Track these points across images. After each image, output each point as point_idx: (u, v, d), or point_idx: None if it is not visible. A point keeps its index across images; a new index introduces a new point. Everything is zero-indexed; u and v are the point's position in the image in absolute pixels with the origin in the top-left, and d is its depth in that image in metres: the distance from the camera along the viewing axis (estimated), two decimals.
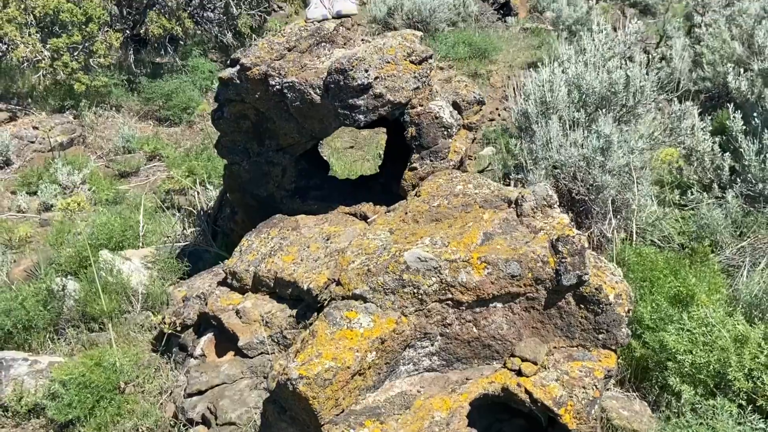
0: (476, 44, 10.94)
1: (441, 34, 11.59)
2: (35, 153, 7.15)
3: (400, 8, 11.62)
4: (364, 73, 3.35)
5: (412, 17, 11.60)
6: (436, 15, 11.55)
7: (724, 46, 7.15)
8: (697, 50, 7.66)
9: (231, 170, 4.07)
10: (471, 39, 11.28)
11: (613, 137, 3.66)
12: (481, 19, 15.96)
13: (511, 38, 13.41)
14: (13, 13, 7.65)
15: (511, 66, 10.46)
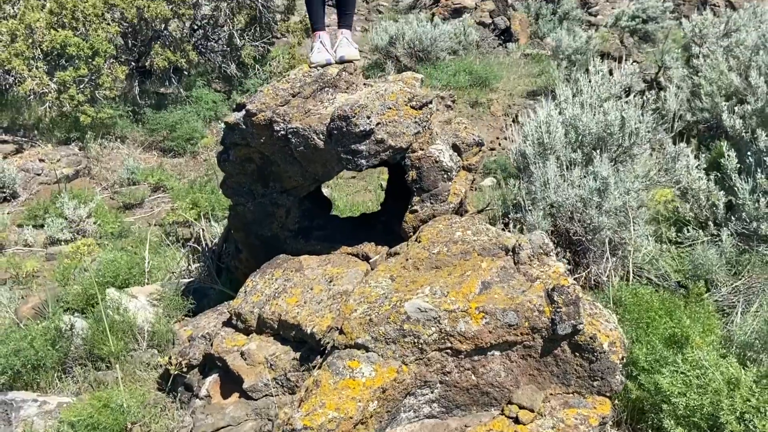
0: (477, 72, 11.14)
1: (442, 62, 11.78)
2: (41, 185, 7.29)
3: (401, 37, 11.83)
4: (366, 119, 3.48)
5: (413, 46, 11.81)
6: (437, 44, 11.76)
7: (721, 77, 7.29)
8: (695, 81, 7.82)
9: (236, 210, 4.19)
10: (472, 67, 11.48)
11: (610, 179, 3.77)
12: (482, 45, 16.21)
13: (512, 64, 13.63)
14: (20, 48, 7.85)
15: (512, 94, 10.65)
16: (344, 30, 4.22)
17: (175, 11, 8.75)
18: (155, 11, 8.46)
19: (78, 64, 8.01)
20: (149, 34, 9.14)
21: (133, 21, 8.59)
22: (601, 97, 4.53)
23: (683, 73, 8.49)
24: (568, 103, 4.48)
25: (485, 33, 17.05)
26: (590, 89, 4.56)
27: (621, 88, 4.73)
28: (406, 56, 11.95)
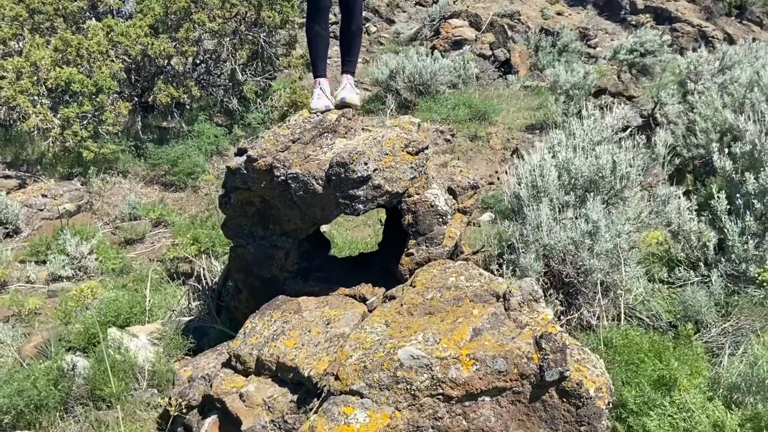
0: (476, 106, 11.36)
1: (441, 96, 12.01)
2: (44, 221, 7.45)
3: (401, 71, 12.08)
4: (363, 165, 3.64)
5: (413, 80, 12.05)
6: (437, 78, 12.00)
7: (716, 114, 7.48)
8: (691, 117, 8.02)
9: (236, 252, 4.33)
10: (471, 101, 11.70)
11: (600, 222, 3.92)
12: (482, 77, 16.51)
13: (512, 97, 13.88)
14: (25, 85, 8.07)
15: (511, 128, 10.85)
16: (348, 75, 4.40)
17: (179, 48, 8.99)
18: (159, 48, 8.70)
19: (82, 100, 8.23)
20: (152, 70, 9.39)
21: (136, 58, 8.83)
22: (593, 140, 4.69)
23: (679, 110, 8.70)
24: (561, 146, 4.65)
25: (485, 65, 17.38)
26: (583, 133, 4.72)
27: (613, 131, 4.88)
28: (406, 90, 12.18)
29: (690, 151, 7.69)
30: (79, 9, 9.18)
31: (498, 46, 17.94)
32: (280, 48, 10.91)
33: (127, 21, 9.22)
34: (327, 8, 4.14)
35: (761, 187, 4.43)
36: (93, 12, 9.68)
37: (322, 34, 4.16)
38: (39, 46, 8.43)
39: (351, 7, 4.15)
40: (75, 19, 9.40)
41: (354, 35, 4.27)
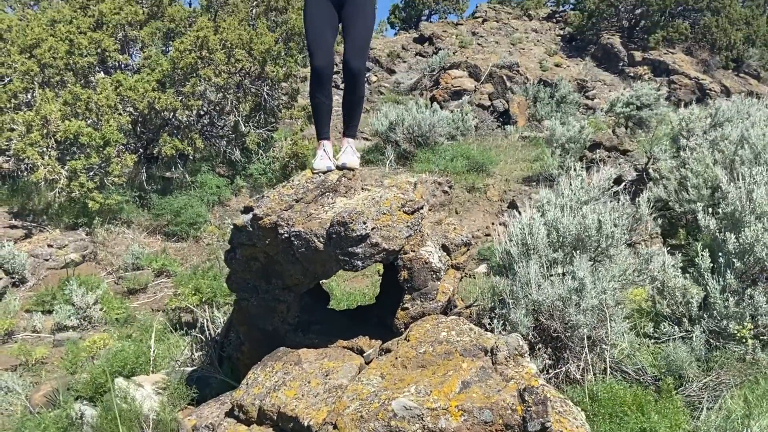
0: (474, 158, 11.76)
1: (440, 147, 12.43)
2: (49, 270, 7.74)
3: (401, 123, 12.52)
4: (362, 225, 3.95)
5: (412, 131, 12.49)
6: (436, 129, 12.44)
7: (707, 170, 7.84)
8: (683, 173, 8.38)
9: (240, 305, 4.61)
10: (469, 152, 12.11)
11: (586, 280, 4.22)
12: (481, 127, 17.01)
13: (510, 148, 14.32)
14: (35, 138, 8.46)
15: (508, 180, 11.22)
16: (349, 139, 4.72)
17: (185, 102, 9.43)
18: (165, 102, 9.13)
19: (89, 152, 8.61)
20: (158, 122, 9.81)
21: (143, 111, 9.25)
22: (580, 200, 5.02)
23: (671, 165, 9.07)
24: (550, 205, 4.97)
25: (484, 115, 17.92)
26: (570, 192, 5.06)
27: (600, 190, 5.22)
28: (405, 141, 12.62)
29: (682, 206, 8.03)
30: (89, 64, 9.64)
31: (497, 96, 18.52)
32: (282, 100, 11.36)
33: (135, 75, 9.68)
34: (329, 78, 4.48)
35: (741, 246, 4.73)
36: (102, 66, 10.15)
37: (325, 101, 4.49)
38: (49, 99, 8.86)
39: (354, 80, 4.47)
40: (84, 73, 9.86)
41: (356, 103, 4.60)
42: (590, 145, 10.58)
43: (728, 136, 8.94)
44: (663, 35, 23.10)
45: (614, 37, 24.22)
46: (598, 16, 25.13)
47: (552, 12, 30.44)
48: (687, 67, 21.47)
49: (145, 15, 10.75)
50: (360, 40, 4.31)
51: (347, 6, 4.26)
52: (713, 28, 22.81)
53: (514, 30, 26.19)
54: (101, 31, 10.07)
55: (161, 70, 9.42)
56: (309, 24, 4.24)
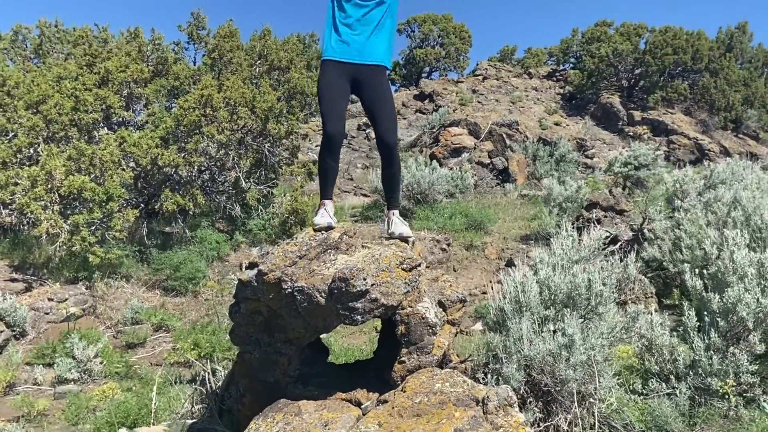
0: (473, 215, 12.19)
1: (439, 205, 12.88)
2: (49, 324, 8.04)
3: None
4: (362, 281, 4.32)
5: (411, 189, 12.95)
6: (435, 187, 12.91)
7: (700, 231, 8.25)
8: (677, 234, 8.79)
9: (243, 358, 4.93)
10: (468, 210, 12.56)
11: (576, 336, 4.56)
12: (480, 185, 17.53)
13: (509, 206, 14.79)
14: (39, 193, 8.88)
15: (506, 238, 11.62)
16: (394, 210, 5.04)
17: (187, 158, 9.89)
18: (168, 158, 9.59)
19: (92, 207, 9.02)
20: (160, 178, 10.25)
21: (146, 167, 9.70)
22: (572, 259, 5.40)
23: (666, 226, 9.49)
24: (543, 264, 5.35)
25: (483, 172, 18.46)
26: (562, 252, 5.44)
27: (590, 250, 5.60)
28: (404, 198, 13.06)
29: (676, 266, 8.42)
30: (94, 120, 10.15)
31: (496, 154, 19.11)
32: (283, 156, 11.85)
33: (139, 131, 10.18)
34: (340, 144, 4.87)
35: (725, 306, 5.09)
36: (106, 122, 10.66)
37: (333, 165, 4.87)
38: (54, 155, 9.32)
39: (390, 153, 4.80)
40: (88, 129, 10.36)
41: (394, 176, 4.92)
42: (587, 204, 11.02)
43: (721, 198, 9.41)
44: (662, 95, 23.91)
45: (614, 97, 25.03)
46: (597, 75, 26.03)
47: (552, 70, 31.46)
48: (686, 127, 22.18)
49: (150, 73, 11.33)
50: (390, 117, 4.68)
51: (366, 87, 4.64)
52: (712, 89, 23.64)
53: (514, 88, 27.05)
54: (107, 88, 10.62)
55: (165, 127, 9.92)
56: (324, 92, 4.60)
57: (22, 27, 21.88)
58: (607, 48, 25.90)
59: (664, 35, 25.39)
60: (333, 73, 4.64)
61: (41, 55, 20.66)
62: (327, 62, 4.65)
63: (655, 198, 11.19)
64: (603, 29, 29.09)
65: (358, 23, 4.66)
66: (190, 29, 13.97)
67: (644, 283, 8.78)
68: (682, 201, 9.94)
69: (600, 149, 21.17)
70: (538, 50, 34.71)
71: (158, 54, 11.79)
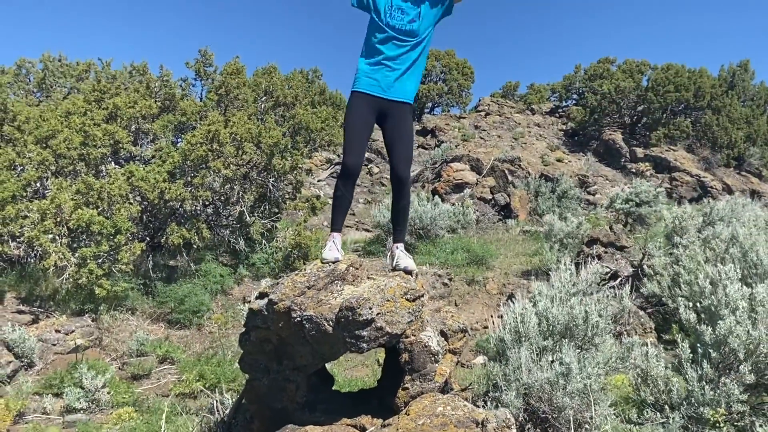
0: (474, 251, 12.51)
1: (441, 240, 13.22)
2: (56, 355, 8.32)
3: None
4: (368, 310, 4.63)
5: (413, 224, 13.30)
6: (437, 223, 13.26)
7: (698, 267, 8.57)
8: (676, 270, 9.11)
9: (252, 384, 5.22)
10: (470, 245, 12.88)
11: (572, 365, 4.86)
12: (482, 221, 17.87)
13: (510, 242, 15.11)
14: (48, 226, 9.22)
15: (507, 273, 11.93)
16: (399, 244, 5.30)
17: (193, 193, 10.27)
18: (175, 193, 9.96)
19: (100, 240, 9.36)
20: (166, 211, 10.61)
21: (153, 201, 10.07)
22: (569, 292, 5.72)
23: (665, 262, 9.81)
24: (542, 296, 5.67)
25: (485, 208, 18.82)
26: (560, 285, 5.76)
27: (587, 284, 5.92)
28: (407, 233, 13.41)
29: (674, 301, 8.71)
30: (102, 155, 10.55)
31: (498, 190, 19.48)
32: (287, 191, 12.22)
33: (146, 166, 10.57)
34: (356, 176, 5.17)
35: (717, 338, 5.39)
36: (114, 157, 11.06)
37: (347, 196, 5.18)
38: (63, 188, 9.69)
39: (402, 186, 5.08)
40: (96, 163, 10.75)
41: (403, 209, 5.20)
42: (588, 240, 11.35)
43: (719, 234, 9.75)
44: (665, 132, 24.40)
45: (616, 133, 25.54)
46: (600, 112, 26.58)
47: (555, 107, 32.07)
48: (688, 164, 22.62)
49: (158, 108, 11.77)
50: (406, 152, 4.96)
51: (390, 120, 4.88)
52: (714, 127, 24.15)
53: (516, 124, 27.59)
54: (115, 124, 11.05)
55: (172, 162, 10.32)
56: (350, 125, 4.82)
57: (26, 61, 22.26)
58: (609, 85, 26.48)
59: (666, 72, 26.01)
60: (360, 106, 4.84)
61: (44, 89, 21.10)
62: (356, 93, 4.85)
63: (655, 234, 11.52)
64: (605, 66, 29.77)
65: (394, 62, 4.81)
66: (198, 66, 14.48)
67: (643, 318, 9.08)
68: (681, 237, 10.27)
69: (602, 186, 21.57)
70: (541, 86, 35.37)
71: (166, 90, 12.26)
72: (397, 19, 4.77)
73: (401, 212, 5.21)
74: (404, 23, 4.78)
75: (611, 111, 26.73)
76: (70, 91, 20.51)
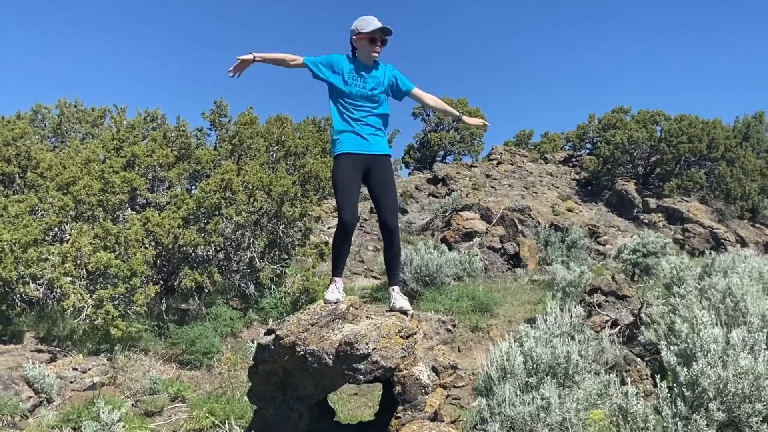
0: (479, 299, 13.16)
1: (446, 287, 13.88)
2: (73, 392, 9.01)
3: (409, 263, 14.06)
4: (365, 345, 5.32)
5: (420, 271, 13.99)
6: (443, 270, 13.94)
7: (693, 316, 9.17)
8: (672, 318, 9.71)
9: (259, 414, 5.89)
10: (475, 293, 13.54)
11: (552, 399, 5.50)
12: (491, 269, 18.54)
13: (518, 290, 15.75)
14: (68, 268, 10.02)
15: (511, 321, 12.55)
16: (396, 287, 5.95)
17: (207, 238, 11.06)
18: (189, 238, 10.76)
19: (117, 282, 10.12)
20: (179, 256, 11.39)
21: (168, 246, 10.86)
22: (554, 333, 6.38)
23: (662, 311, 10.42)
24: (528, 337, 6.33)
25: (494, 257, 19.48)
26: (546, 327, 6.43)
27: (571, 326, 6.58)
28: (413, 280, 14.08)
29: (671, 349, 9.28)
30: (120, 201, 11.40)
31: (508, 239, 20.17)
32: (296, 238, 12.99)
33: (162, 212, 11.39)
34: (353, 230, 5.80)
35: (690, 378, 6.01)
36: (131, 203, 11.92)
37: (346, 247, 5.87)
38: (83, 232, 10.50)
39: (391, 236, 5.66)
40: (114, 209, 11.60)
41: (395, 256, 5.80)
42: (589, 289, 11.98)
43: (715, 285, 10.36)
44: (678, 183, 25.09)
45: (629, 184, 26.26)
46: (613, 162, 27.36)
47: (568, 156, 32.90)
48: (701, 215, 23.23)
49: (174, 157, 12.67)
50: (392, 203, 5.60)
51: (374, 174, 5.51)
52: (728, 178, 24.81)
53: (528, 173, 28.41)
54: (133, 171, 11.93)
55: (187, 208, 11.13)
56: (341, 184, 5.43)
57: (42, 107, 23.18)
58: (622, 135, 27.32)
59: (680, 123, 26.83)
60: (348, 166, 5.45)
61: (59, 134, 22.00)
62: (341, 156, 5.48)
63: (652, 286, 12.14)
64: (619, 116, 30.67)
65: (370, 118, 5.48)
66: (213, 116, 15.46)
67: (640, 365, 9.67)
68: (679, 287, 10.88)
69: (614, 236, 22.20)
70: (555, 135, 36.29)
71: (182, 140, 13.18)
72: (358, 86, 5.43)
73: (394, 258, 5.85)
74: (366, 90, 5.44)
75: (624, 161, 27.51)
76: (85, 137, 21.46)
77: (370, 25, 5.30)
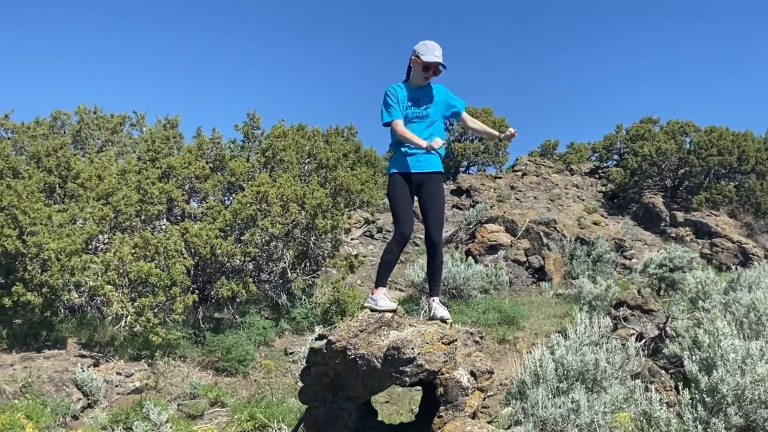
0: (506, 311, 13.90)
1: (473, 300, 14.63)
2: (118, 395, 9.85)
3: None
4: (411, 350, 6.10)
5: (447, 284, 14.74)
6: (470, 283, 14.69)
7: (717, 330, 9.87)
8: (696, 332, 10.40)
9: (311, 412, 6.68)
10: (501, 306, 14.28)
11: (581, 402, 6.25)
12: (516, 283, 19.27)
13: (543, 304, 16.47)
14: (112, 277, 10.87)
15: (537, 334, 13.28)
16: (435, 297, 6.72)
17: (243, 249, 11.90)
18: (226, 249, 11.59)
19: (157, 291, 10.97)
20: (215, 266, 12.23)
21: (205, 256, 11.70)
22: (583, 342, 7.13)
23: (687, 324, 11.12)
24: (559, 345, 7.09)
25: (519, 270, 20.18)
26: (575, 336, 7.18)
27: (599, 336, 7.32)
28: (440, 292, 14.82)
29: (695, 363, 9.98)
30: (158, 211, 12.26)
31: (533, 252, 20.86)
32: (327, 250, 13.80)
33: (199, 223, 12.24)
34: (408, 241, 6.59)
35: (711, 385, 6.74)
36: (168, 214, 12.78)
37: (395, 258, 6.62)
38: (124, 242, 11.36)
39: (435, 249, 6.35)
40: (151, 219, 12.46)
41: (438, 268, 6.47)
42: (615, 303, 12.68)
43: (740, 299, 11.06)
44: (706, 196, 25.64)
45: (657, 197, 26.85)
46: (640, 174, 27.91)
47: (595, 167, 33.46)
48: (730, 230, 23.80)
49: (209, 169, 13.52)
50: (439, 217, 6.24)
51: (425, 189, 6.15)
52: (758, 192, 25.34)
53: (554, 185, 29.05)
54: (170, 182, 12.80)
55: (224, 220, 11.97)
56: (398, 200, 6.07)
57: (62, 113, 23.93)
58: (650, 147, 27.86)
59: (709, 135, 27.38)
60: (402, 183, 6.12)
61: (78, 141, 22.80)
62: (395, 174, 6.15)
63: (678, 300, 12.83)
64: (648, 126, 31.19)
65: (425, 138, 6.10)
66: (246, 129, 16.31)
67: (664, 377, 10.38)
68: (704, 302, 11.58)
69: (640, 250, 22.82)
70: (581, 145, 36.82)
71: (217, 152, 14.05)
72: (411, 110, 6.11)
73: (436, 270, 6.58)
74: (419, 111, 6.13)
75: (652, 173, 28.04)
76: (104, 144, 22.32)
77: (430, 54, 5.95)
